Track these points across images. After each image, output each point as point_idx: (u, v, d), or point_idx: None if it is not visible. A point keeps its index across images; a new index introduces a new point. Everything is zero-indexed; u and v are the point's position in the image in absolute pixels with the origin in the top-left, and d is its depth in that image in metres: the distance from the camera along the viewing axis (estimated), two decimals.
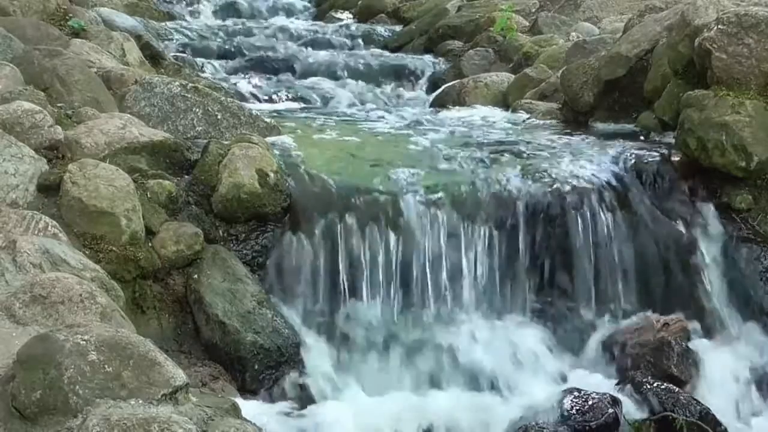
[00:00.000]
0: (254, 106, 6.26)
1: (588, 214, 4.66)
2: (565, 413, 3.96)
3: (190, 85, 5.42)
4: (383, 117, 6.44)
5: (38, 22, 6.29)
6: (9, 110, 4.34)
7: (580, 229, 4.63)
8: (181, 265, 4.22)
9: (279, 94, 7.58)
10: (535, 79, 6.88)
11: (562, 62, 6.80)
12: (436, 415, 3.93)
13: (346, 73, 8.39)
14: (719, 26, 4.86)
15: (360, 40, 9.73)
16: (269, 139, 5.00)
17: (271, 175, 4.45)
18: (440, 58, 8.80)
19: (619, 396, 4.08)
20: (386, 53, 9.15)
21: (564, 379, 4.32)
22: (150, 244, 4.18)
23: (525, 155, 5.03)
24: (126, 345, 2.82)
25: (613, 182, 4.78)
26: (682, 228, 4.74)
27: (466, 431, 3.96)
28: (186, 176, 4.53)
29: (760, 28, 4.79)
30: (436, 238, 4.48)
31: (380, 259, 4.41)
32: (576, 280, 4.62)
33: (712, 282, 4.63)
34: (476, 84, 7.18)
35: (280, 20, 10.81)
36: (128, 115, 4.86)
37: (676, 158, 4.95)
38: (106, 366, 2.74)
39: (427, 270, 4.44)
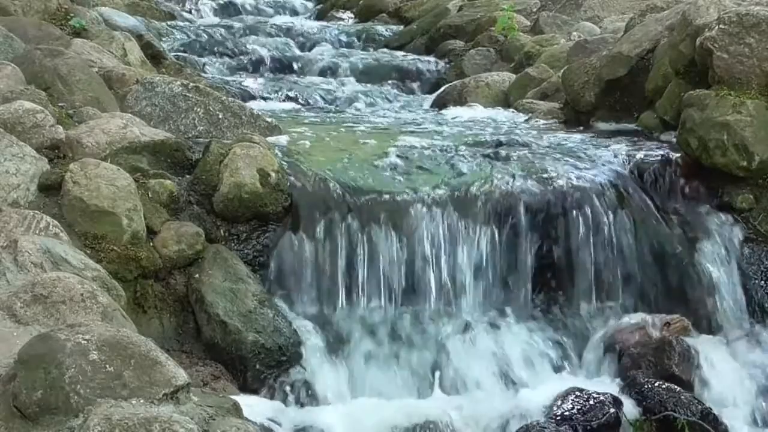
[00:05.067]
0: (255, 106, 6.25)
1: (589, 213, 4.65)
2: (567, 413, 3.96)
3: (192, 84, 5.43)
4: (384, 116, 6.44)
5: (39, 22, 6.29)
6: (10, 110, 4.34)
7: (581, 228, 4.63)
8: (182, 264, 4.23)
9: (280, 93, 7.58)
10: (536, 78, 6.88)
11: (564, 62, 6.80)
12: (437, 415, 3.93)
13: (347, 73, 8.39)
14: (720, 26, 4.86)
15: (361, 40, 9.73)
16: (270, 139, 5.00)
17: (273, 174, 4.45)
18: (441, 58, 8.79)
19: (620, 396, 4.08)
20: (387, 53, 9.15)
21: (565, 378, 4.32)
22: (151, 244, 4.18)
23: (526, 155, 5.03)
24: (127, 344, 2.82)
25: (614, 182, 4.78)
26: (683, 227, 4.74)
27: (467, 431, 3.96)
28: (187, 176, 4.53)
29: (761, 27, 4.79)
30: (437, 237, 4.47)
31: (381, 258, 4.41)
32: (577, 280, 4.62)
33: (714, 282, 4.62)
34: (477, 83, 7.17)
35: (282, 19, 10.81)
36: (129, 115, 4.87)
37: (677, 158, 4.95)
38: (107, 365, 2.74)
39: (428, 270, 4.44)
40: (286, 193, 4.46)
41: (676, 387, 4.13)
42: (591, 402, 3.98)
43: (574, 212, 4.64)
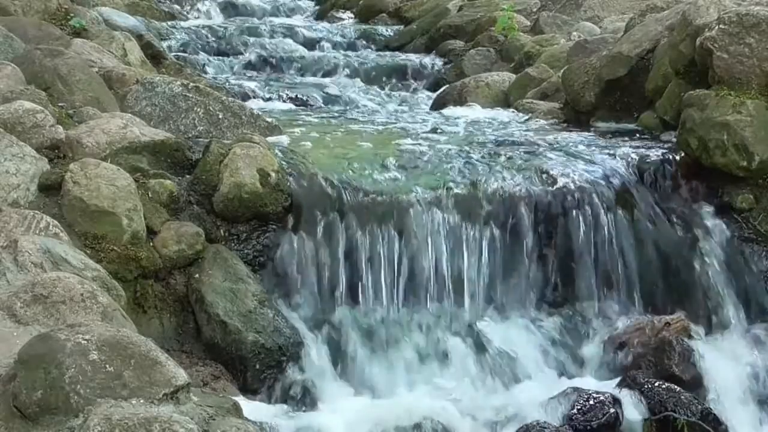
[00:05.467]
0: (255, 106, 6.25)
1: (589, 213, 4.66)
2: (567, 413, 3.96)
3: (192, 84, 5.43)
4: (384, 116, 6.44)
5: (39, 22, 6.29)
6: (10, 110, 4.34)
7: (581, 228, 4.63)
8: (182, 264, 4.23)
9: (280, 93, 7.58)
10: (536, 78, 6.88)
11: (564, 62, 6.80)
12: (438, 415, 3.93)
13: (347, 73, 8.40)
14: (720, 26, 4.86)
15: (361, 40, 9.73)
16: (270, 139, 5.00)
17: (273, 174, 4.45)
18: (441, 58, 8.80)
19: (621, 396, 4.08)
20: (387, 53, 9.15)
21: (565, 378, 4.32)
22: (151, 244, 4.18)
23: (526, 155, 5.03)
24: (127, 344, 2.82)
25: (615, 182, 4.78)
26: (683, 227, 4.74)
27: (467, 431, 3.96)
28: (187, 176, 4.53)
29: (761, 27, 4.79)
30: (438, 237, 4.47)
31: (381, 258, 4.41)
32: (577, 280, 4.62)
33: (714, 282, 4.62)
34: (477, 84, 7.17)
35: (282, 19, 10.81)
36: (129, 115, 4.87)
37: (677, 158, 4.95)
38: (107, 365, 2.74)
39: (428, 270, 4.44)
40: (286, 193, 4.46)
41: (676, 387, 4.13)
42: (591, 402, 3.98)
43: (575, 212, 4.64)
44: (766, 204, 4.76)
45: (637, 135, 5.43)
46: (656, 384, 4.13)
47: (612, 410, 3.95)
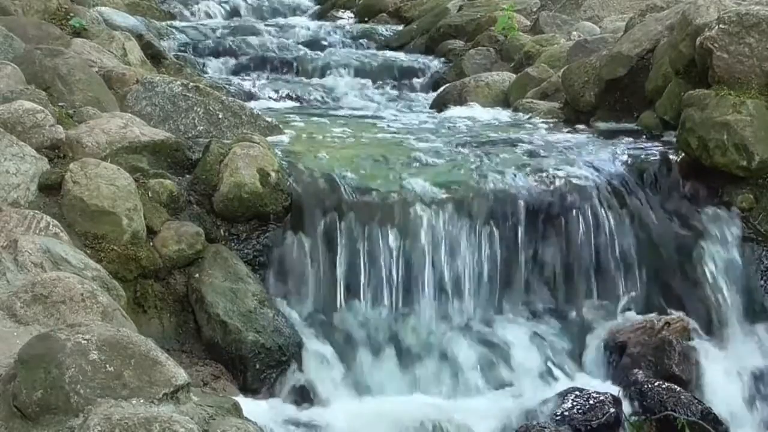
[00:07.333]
0: (255, 105, 6.26)
1: (589, 213, 4.66)
2: (566, 413, 3.96)
3: (192, 84, 5.44)
4: (384, 116, 6.44)
5: (39, 22, 6.30)
6: (10, 110, 4.34)
7: (581, 228, 4.63)
8: (182, 264, 4.23)
9: (280, 93, 7.59)
10: (536, 78, 6.88)
11: (564, 61, 6.79)
12: (436, 415, 3.93)
13: (347, 73, 8.40)
14: (720, 25, 4.86)
15: (361, 40, 9.73)
16: (270, 139, 5.00)
17: (273, 174, 4.45)
18: (441, 58, 8.79)
19: (620, 395, 4.08)
20: (387, 52, 9.15)
21: (565, 378, 4.32)
22: (151, 244, 4.19)
23: (526, 154, 5.03)
24: (127, 344, 2.82)
25: (615, 181, 4.78)
26: (683, 227, 4.74)
27: (467, 431, 3.96)
28: (187, 175, 4.54)
29: (761, 27, 4.79)
30: (437, 237, 4.48)
31: (381, 258, 4.41)
32: (577, 280, 4.62)
33: (714, 281, 4.62)
34: (477, 83, 7.17)
35: (282, 19, 10.81)
36: (129, 115, 4.87)
37: (677, 158, 4.95)
38: (107, 365, 2.74)
39: (428, 269, 4.44)
40: (286, 192, 4.46)
41: (676, 387, 4.13)
42: (591, 402, 3.98)
43: (574, 212, 4.65)
44: (766, 204, 4.76)
45: (637, 135, 5.44)
46: (656, 384, 4.13)
47: (612, 410, 3.95)
